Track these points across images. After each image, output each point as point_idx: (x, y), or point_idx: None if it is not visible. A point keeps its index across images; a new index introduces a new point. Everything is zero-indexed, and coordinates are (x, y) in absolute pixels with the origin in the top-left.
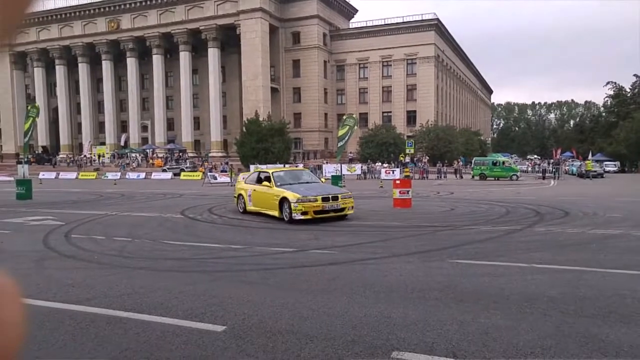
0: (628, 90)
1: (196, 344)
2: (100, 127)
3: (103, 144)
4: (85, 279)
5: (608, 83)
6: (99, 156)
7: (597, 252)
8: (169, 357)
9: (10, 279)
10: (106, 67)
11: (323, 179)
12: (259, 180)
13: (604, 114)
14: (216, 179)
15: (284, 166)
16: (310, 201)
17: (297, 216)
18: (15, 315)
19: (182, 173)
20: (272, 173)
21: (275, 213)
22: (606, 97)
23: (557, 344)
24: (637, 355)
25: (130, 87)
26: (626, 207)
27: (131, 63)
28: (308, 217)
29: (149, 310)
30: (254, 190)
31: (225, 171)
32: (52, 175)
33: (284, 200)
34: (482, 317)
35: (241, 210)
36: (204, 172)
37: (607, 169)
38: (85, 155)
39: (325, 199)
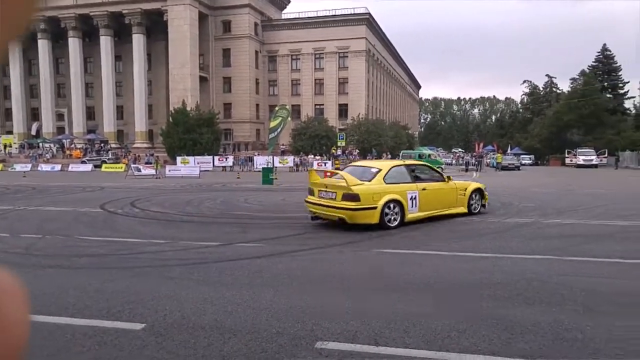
0: (541, 89)
1: (111, 344)
2: (7, 114)
3: (10, 132)
4: None
5: (525, 81)
6: (5, 146)
7: (510, 240)
8: None
9: (14, 278)
10: (13, 48)
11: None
12: (412, 177)
13: (521, 110)
14: (140, 171)
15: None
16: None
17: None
18: (20, 314)
19: (104, 165)
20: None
21: (460, 209)
22: (523, 94)
23: (471, 327)
24: (539, 332)
25: (42, 71)
26: (538, 197)
27: (43, 45)
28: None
29: (58, 312)
30: (423, 189)
31: (150, 163)
32: None
33: (475, 192)
34: (404, 305)
35: (394, 224)
36: (127, 164)
37: (523, 162)
38: None
39: None
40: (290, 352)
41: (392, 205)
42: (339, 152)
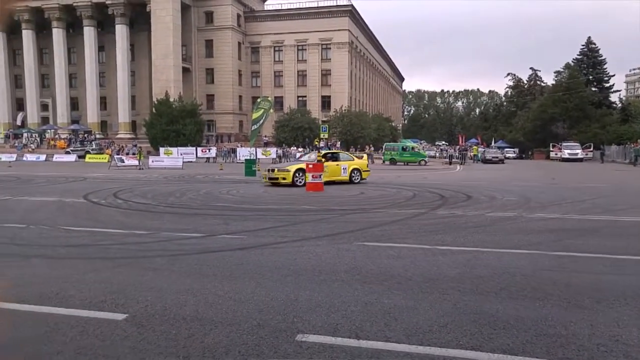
0: (525, 82)
1: (93, 334)
2: None
3: None
4: None
5: (508, 74)
6: None
7: (493, 233)
8: (61, 350)
9: None
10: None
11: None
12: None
13: (505, 103)
14: (124, 161)
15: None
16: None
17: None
18: None
19: (88, 155)
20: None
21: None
22: (507, 87)
23: (453, 321)
24: (522, 327)
25: (26, 62)
26: (520, 191)
27: (27, 36)
28: (264, 180)
29: (41, 301)
30: None
31: (134, 154)
32: None
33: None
34: (385, 298)
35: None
36: (111, 155)
37: (507, 155)
38: None
39: (271, 170)
40: (271, 345)
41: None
42: (322, 144)
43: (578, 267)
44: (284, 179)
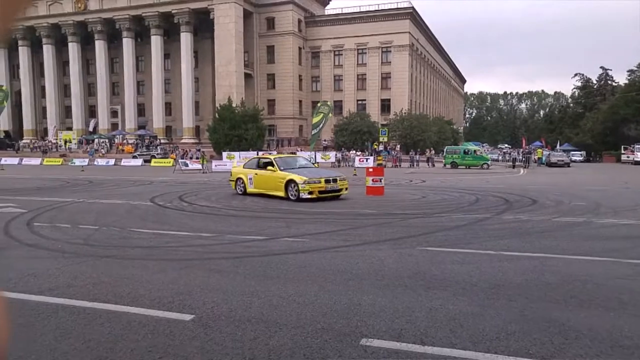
0: (595, 82)
1: (163, 333)
2: (66, 111)
3: (70, 129)
4: (48, 269)
5: (576, 75)
6: (66, 142)
7: (561, 239)
8: (134, 348)
9: None
10: (73, 49)
11: (316, 164)
12: (260, 166)
13: (571, 104)
14: (188, 166)
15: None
16: (315, 182)
17: (304, 195)
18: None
19: (153, 160)
20: (274, 159)
21: (281, 193)
22: (574, 88)
23: (521, 329)
24: (596, 337)
25: (98, 70)
26: (589, 196)
27: (100, 46)
28: (313, 196)
29: (114, 300)
30: (256, 174)
31: (197, 158)
32: (15, 161)
33: (290, 182)
34: (450, 304)
35: (240, 192)
36: (175, 159)
37: (573, 158)
38: (50, 141)
39: (327, 181)
40: (336, 348)
41: (239, 181)
42: (381, 147)
43: None
44: (346, 189)
